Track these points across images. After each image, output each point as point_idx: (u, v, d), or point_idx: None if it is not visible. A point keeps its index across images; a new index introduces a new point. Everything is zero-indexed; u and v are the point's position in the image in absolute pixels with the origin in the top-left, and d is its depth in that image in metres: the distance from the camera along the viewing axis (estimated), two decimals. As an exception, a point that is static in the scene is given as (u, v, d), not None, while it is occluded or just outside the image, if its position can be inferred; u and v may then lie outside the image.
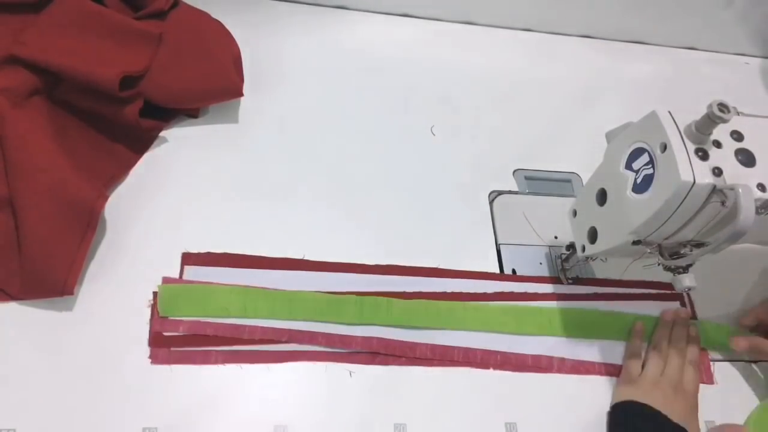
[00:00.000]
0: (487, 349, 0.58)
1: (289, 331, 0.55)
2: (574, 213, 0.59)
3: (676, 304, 0.65)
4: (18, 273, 0.52)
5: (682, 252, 0.50)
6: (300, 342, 0.55)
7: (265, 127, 0.68)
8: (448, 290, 0.61)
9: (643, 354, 0.60)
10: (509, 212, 0.68)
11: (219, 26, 0.68)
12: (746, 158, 0.46)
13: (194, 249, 0.58)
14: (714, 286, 0.66)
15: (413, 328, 0.57)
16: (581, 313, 0.62)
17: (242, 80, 0.68)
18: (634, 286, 0.65)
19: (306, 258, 0.60)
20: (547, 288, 0.63)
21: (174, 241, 0.58)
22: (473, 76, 0.79)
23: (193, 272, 0.56)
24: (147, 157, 0.63)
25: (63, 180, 0.53)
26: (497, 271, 0.64)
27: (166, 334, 0.53)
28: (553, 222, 0.67)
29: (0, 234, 0.53)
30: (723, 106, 0.43)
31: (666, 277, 0.53)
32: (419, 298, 0.59)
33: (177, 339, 0.53)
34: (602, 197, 0.53)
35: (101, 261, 0.56)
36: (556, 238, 0.67)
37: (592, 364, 0.59)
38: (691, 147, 0.45)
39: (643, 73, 0.87)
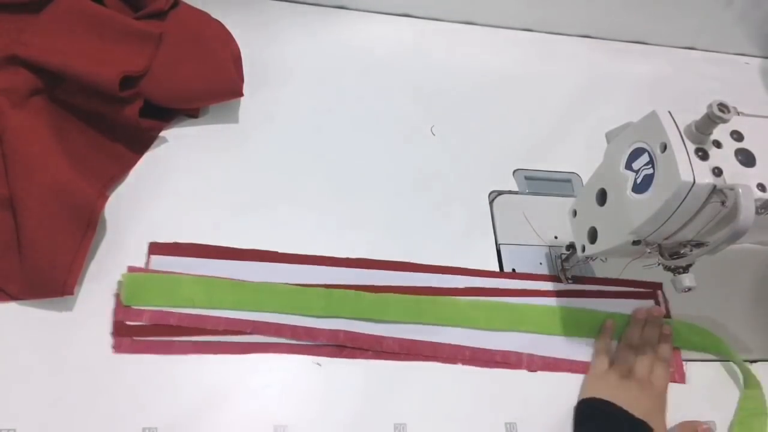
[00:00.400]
0: (456, 344, 0.58)
1: (254, 322, 0.55)
2: (574, 213, 0.59)
3: (650, 303, 0.64)
4: (18, 273, 0.52)
5: (682, 252, 0.50)
6: (265, 334, 0.54)
7: (265, 127, 0.68)
8: (419, 285, 0.60)
9: (612, 351, 0.60)
10: (509, 212, 0.68)
11: (219, 26, 0.68)
12: (746, 158, 0.46)
13: (194, 249, 0.58)
14: (714, 287, 0.66)
15: (381, 322, 0.57)
16: (553, 309, 0.62)
17: (242, 80, 0.68)
18: (609, 283, 0.65)
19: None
20: (519, 284, 0.62)
21: (172, 240, 0.58)
22: (473, 76, 0.79)
23: (159, 262, 0.56)
24: (147, 157, 0.63)
25: (63, 180, 0.53)
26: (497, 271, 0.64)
27: (128, 323, 0.53)
28: (553, 222, 0.67)
29: (0, 234, 0.53)
30: (723, 106, 0.43)
31: (642, 275, 0.53)
32: (389, 291, 0.59)
33: (140, 329, 0.53)
34: (602, 197, 0.53)
35: (101, 261, 0.56)
36: (556, 238, 0.67)
37: (563, 360, 0.59)
38: (691, 147, 0.45)
39: (643, 73, 0.87)
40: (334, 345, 0.55)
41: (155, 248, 0.57)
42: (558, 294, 0.63)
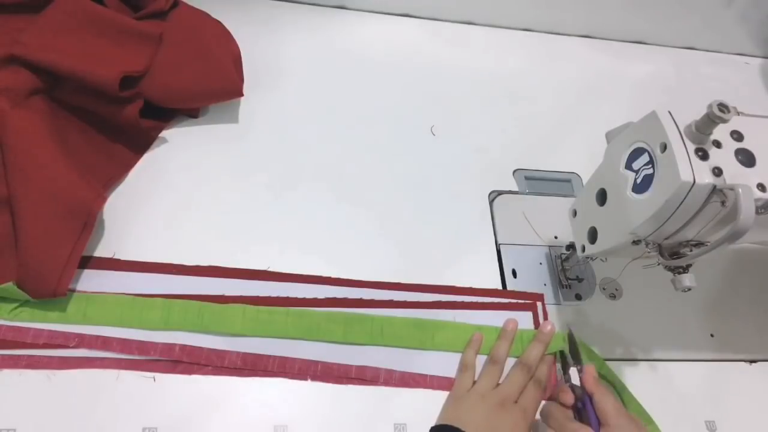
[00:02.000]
0: (307, 358, 0.54)
1: (80, 335, 0.52)
2: (574, 213, 0.59)
3: (528, 315, 0.60)
4: (14, 271, 0.51)
5: (682, 252, 0.50)
6: (91, 347, 0.51)
7: (265, 126, 0.68)
8: (274, 295, 0.56)
9: (479, 367, 0.56)
10: (509, 212, 0.68)
11: (219, 26, 0.68)
12: (746, 158, 0.46)
13: (192, 248, 0.58)
14: (714, 287, 0.66)
15: (226, 335, 0.54)
16: (417, 322, 0.58)
17: (242, 80, 0.68)
18: (485, 294, 0.61)
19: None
20: (384, 294, 0.59)
21: (172, 241, 0.58)
22: (473, 76, 0.79)
23: None
24: (147, 157, 0.63)
25: (61, 180, 0.53)
26: (497, 272, 0.64)
27: None
28: (553, 222, 0.67)
29: (0, 233, 0.53)
30: (723, 106, 0.43)
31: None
32: (241, 302, 0.55)
33: None
34: (602, 197, 0.53)
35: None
36: (556, 238, 0.67)
37: (425, 376, 0.55)
38: (691, 147, 0.45)
39: (644, 73, 0.87)
40: (169, 360, 0.52)
41: None
42: (426, 305, 0.59)
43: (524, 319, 0.60)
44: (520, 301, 0.61)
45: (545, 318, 0.61)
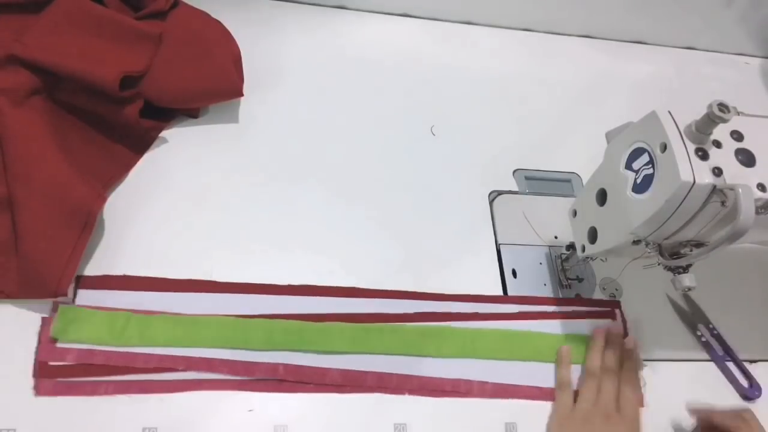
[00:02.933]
0: (403, 373, 0.55)
1: (188, 358, 0.52)
2: (574, 213, 0.59)
3: (607, 322, 0.62)
4: (15, 272, 0.52)
5: (682, 252, 0.50)
6: (199, 370, 0.52)
7: (265, 127, 0.68)
8: (366, 311, 0.57)
9: (575, 380, 0.57)
10: (509, 212, 0.68)
11: (219, 26, 0.68)
12: (746, 158, 0.46)
13: (192, 249, 0.58)
14: (714, 287, 0.66)
15: (325, 353, 0.55)
16: (505, 334, 0.59)
17: (242, 80, 0.68)
18: (564, 303, 0.62)
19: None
20: (469, 307, 0.60)
21: (172, 241, 0.58)
22: (473, 76, 0.79)
23: (87, 296, 0.53)
24: (147, 157, 0.63)
25: (61, 180, 0.53)
26: (497, 272, 0.64)
27: (52, 363, 0.50)
28: (553, 222, 0.67)
29: (0, 233, 0.53)
30: (723, 106, 0.43)
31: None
32: (334, 320, 0.56)
33: (65, 369, 0.50)
34: (602, 197, 0.53)
35: (99, 262, 0.56)
36: (556, 238, 0.67)
37: (516, 387, 0.57)
38: (691, 147, 0.45)
39: (644, 73, 0.87)
40: (273, 379, 0.53)
41: (85, 282, 0.54)
42: (510, 317, 0.60)
43: (603, 326, 0.61)
44: (598, 309, 0.63)
45: (625, 324, 0.62)
